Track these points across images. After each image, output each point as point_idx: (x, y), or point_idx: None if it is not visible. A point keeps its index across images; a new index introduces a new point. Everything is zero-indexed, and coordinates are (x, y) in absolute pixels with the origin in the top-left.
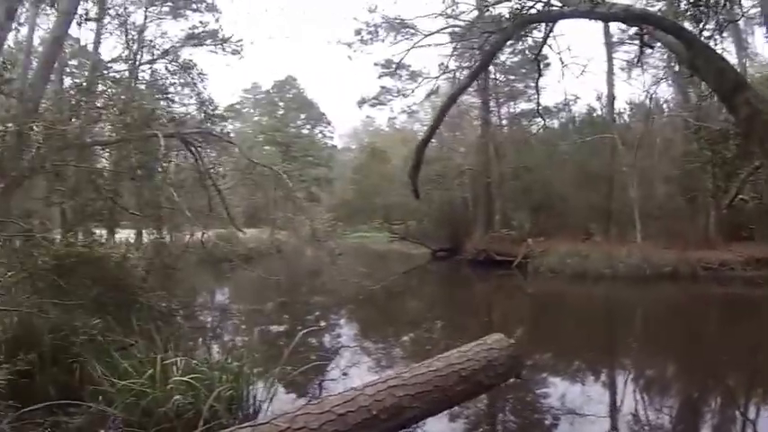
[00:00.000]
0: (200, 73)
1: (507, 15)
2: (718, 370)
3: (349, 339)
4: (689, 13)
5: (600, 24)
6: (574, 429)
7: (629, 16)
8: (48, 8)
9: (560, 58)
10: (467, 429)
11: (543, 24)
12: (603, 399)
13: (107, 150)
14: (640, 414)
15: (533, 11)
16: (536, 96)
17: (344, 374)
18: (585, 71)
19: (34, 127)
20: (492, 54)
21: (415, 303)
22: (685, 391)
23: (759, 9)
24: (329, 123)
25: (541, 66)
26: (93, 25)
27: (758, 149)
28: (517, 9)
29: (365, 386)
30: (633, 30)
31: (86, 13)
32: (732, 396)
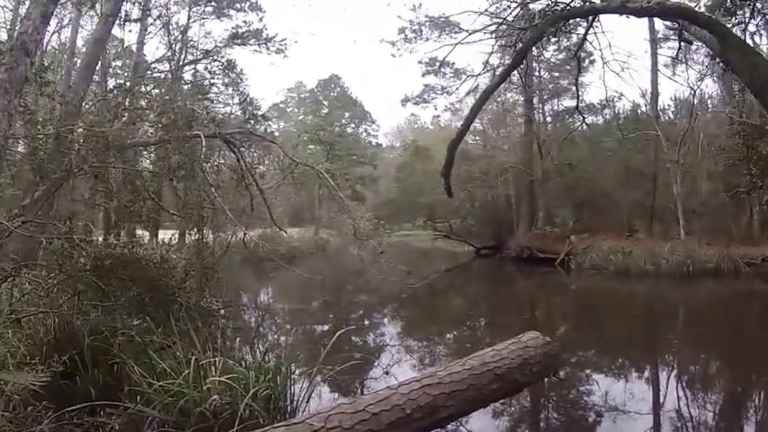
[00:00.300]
0: (240, 73)
1: (539, 12)
2: (761, 366)
3: (392, 338)
4: (727, 5)
5: (645, 20)
6: (616, 427)
7: (663, 11)
8: (90, 10)
9: (602, 56)
10: (510, 426)
11: (584, 21)
12: (646, 396)
13: (149, 151)
14: (683, 410)
15: (574, 7)
16: (579, 93)
17: (386, 373)
18: (629, 68)
19: (75, 129)
20: (525, 52)
21: (459, 301)
22: (728, 387)
23: None
24: (374, 122)
25: (586, 63)
26: (136, 26)
27: None
28: (549, 6)
29: (400, 385)
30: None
31: (127, 15)
32: None
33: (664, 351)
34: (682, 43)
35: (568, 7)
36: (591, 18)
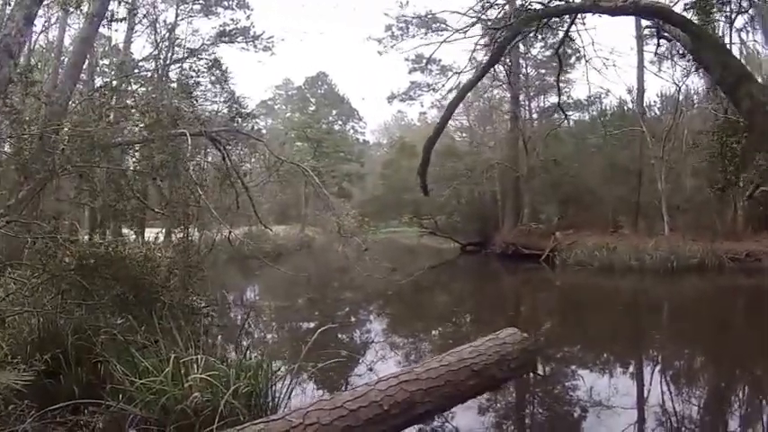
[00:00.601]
0: (225, 71)
1: (514, 12)
2: (745, 360)
3: (377, 335)
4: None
5: (631, 17)
6: (600, 422)
7: (638, 10)
8: (76, 10)
9: (584, 53)
10: (495, 422)
11: (568, 18)
12: (631, 391)
13: (135, 150)
14: (667, 405)
15: (548, 7)
16: (564, 90)
17: (370, 369)
18: (614, 65)
19: (60, 129)
20: (501, 51)
21: (444, 298)
22: (712, 382)
23: None
24: (361, 119)
25: (573, 59)
26: (124, 25)
27: (762, 142)
28: (523, 5)
29: (377, 381)
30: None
31: (113, 14)
32: (760, 386)
33: (648, 346)
34: (661, 41)
35: (542, 7)
36: (572, 16)
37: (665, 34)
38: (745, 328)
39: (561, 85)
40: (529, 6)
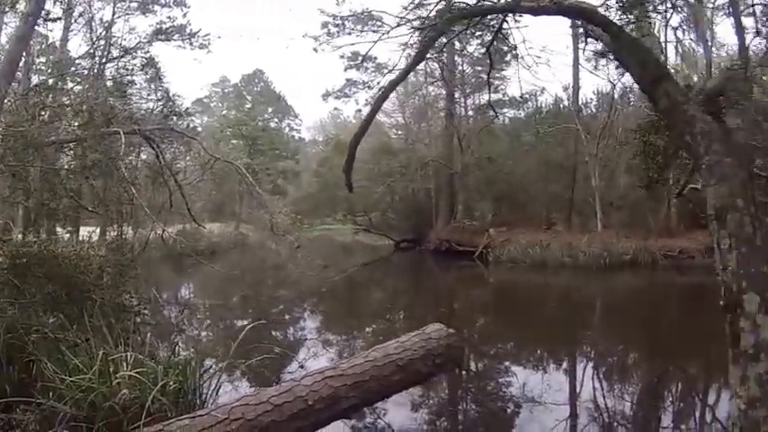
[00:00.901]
0: (159, 70)
1: (437, 12)
2: (676, 356)
3: (311, 331)
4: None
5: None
6: (533, 417)
7: (561, 10)
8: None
9: (515, 51)
10: (429, 419)
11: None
12: (563, 387)
13: (69, 149)
14: (599, 401)
15: (470, 7)
16: (500, 88)
17: (301, 366)
18: (549, 63)
19: None
20: (424, 51)
21: (378, 294)
22: (645, 377)
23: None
24: (296, 116)
25: (509, 57)
26: (60, 23)
27: (679, 141)
28: (445, 6)
29: (303, 377)
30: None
31: (48, 14)
32: (691, 382)
33: (580, 342)
34: (590, 40)
35: (464, 8)
36: (502, 15)
37: (592, 34)
38: (676, 324)
39: (497, 82)
40: (452, 7)
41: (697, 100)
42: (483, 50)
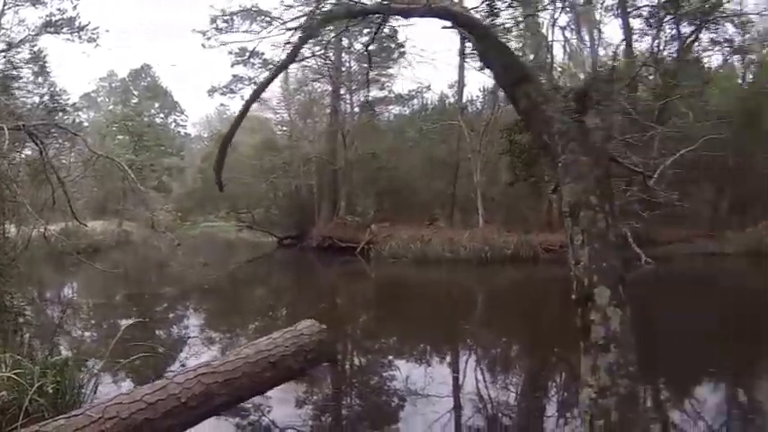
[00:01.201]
0: (45, 63)
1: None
2: (556, 347)
3: (194, 329)
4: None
5: None
6: (417, 410)
7: (431, 12)
8: None
9: (402, 50)
10: (314, 414)
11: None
12: (447, 379)
13: None
14: (483, 392)
15: (339, 9)
16: (386, 85)
17: (183, 365)
18: (434, 60)
19: None
20: (296, 51)
21: (261, 292)
22: (527, 369)
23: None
24: (182, 112)
25: (396, 54)
26: None
27: (538, 141)
28: (316, 7)
29: (176, 375)
30: None
31: None
32: (572, 371)
33: (461, 335)
34: (464, 40)
35: (333, 10)
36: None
37: (465, 35)
38: (557, 316)
39: (384, 79)
40: (321, 10)
41: (565, 101)
42: (371, 48)
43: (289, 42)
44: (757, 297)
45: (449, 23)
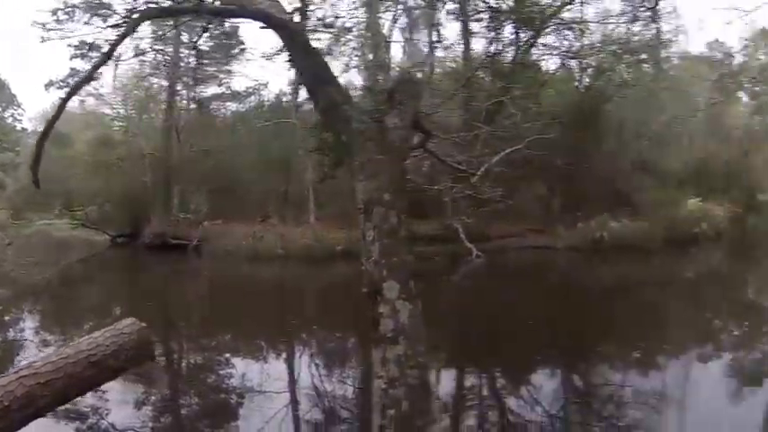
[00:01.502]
0: None
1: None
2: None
3: (26, 332)
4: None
5: None
6: (256, 405)
7: (243, 13)
8: None
9: (241, 46)
10: (153, 415)
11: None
12: (283, 375)
13: None
14: (318, 386)
15: (147, 10)
16: (224, 81)
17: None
18: (272, 58)
19: None
20: (111, 52)
21: (93, 291)
22: (365, 363)
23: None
24: (19, 105)
25: (236, 51)
26: None
27: (337, 139)
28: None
29: None
30: None
31: None
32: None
33: (293, 331)
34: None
35: (145, 9)
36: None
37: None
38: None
39: (222, 76)
40: (138, 8)
41: (375, 101)
42: (210, 44)
43: (108, 40)
44: (574, 285)
45: (264, 24)
